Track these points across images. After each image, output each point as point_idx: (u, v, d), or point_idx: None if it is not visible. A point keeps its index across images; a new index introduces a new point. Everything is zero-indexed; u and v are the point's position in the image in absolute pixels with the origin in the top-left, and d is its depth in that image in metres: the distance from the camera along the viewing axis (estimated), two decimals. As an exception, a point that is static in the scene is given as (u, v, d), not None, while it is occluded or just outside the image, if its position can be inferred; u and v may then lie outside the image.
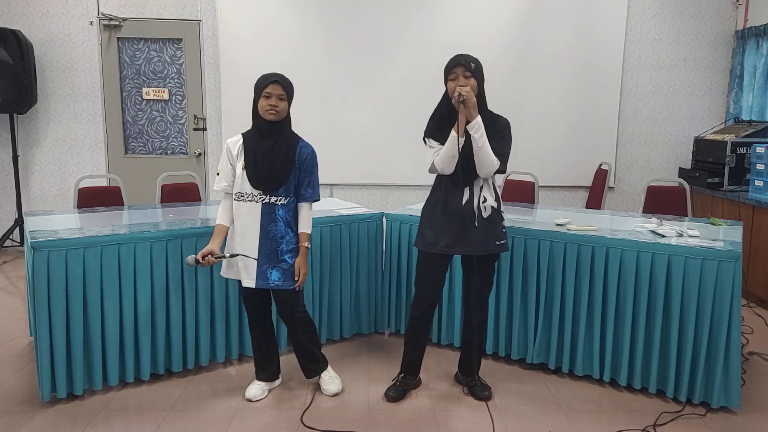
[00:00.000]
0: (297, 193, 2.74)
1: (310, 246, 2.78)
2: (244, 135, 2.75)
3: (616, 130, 5.56)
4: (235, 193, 2.73)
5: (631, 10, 5.43)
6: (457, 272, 3.32)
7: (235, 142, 2.74)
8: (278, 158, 2.67)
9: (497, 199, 2.77)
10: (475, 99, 2.54)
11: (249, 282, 2.72)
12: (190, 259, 2.68)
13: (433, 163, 2.67)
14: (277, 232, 2.70)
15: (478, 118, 2.55)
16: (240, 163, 2.70)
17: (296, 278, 2.73)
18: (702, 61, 5.55)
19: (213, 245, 2.70)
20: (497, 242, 2.74)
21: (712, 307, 2.73)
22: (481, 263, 2.77)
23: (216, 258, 2.68)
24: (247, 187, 2.69)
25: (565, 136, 5.52)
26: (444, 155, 2.61)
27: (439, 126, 2.69)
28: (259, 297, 2.82)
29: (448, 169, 2.63)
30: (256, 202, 2.69)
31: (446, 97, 2.69)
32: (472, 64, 2.59)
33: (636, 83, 5.55)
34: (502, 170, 2.67)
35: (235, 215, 2.74)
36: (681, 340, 2.83)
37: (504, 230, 2.79)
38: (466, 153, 2.60)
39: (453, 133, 2.58)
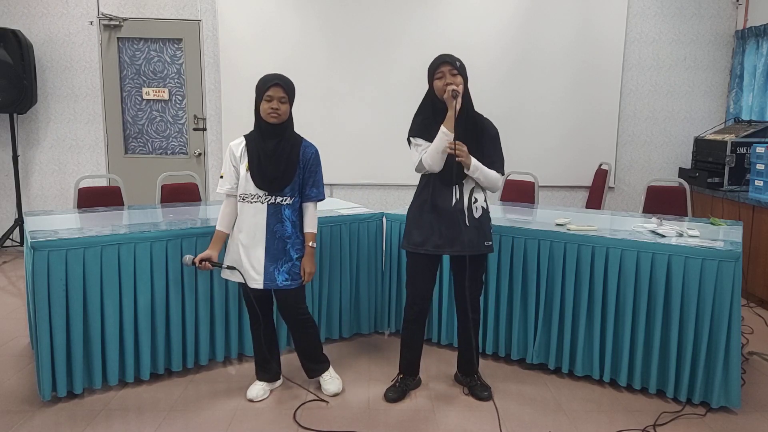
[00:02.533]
0: (302, 192, 2.74)
1: (315, 245, 2.78)
2: (246, 137, 2.75)
3: (616, 130, 5.56)
4: (239, 195, 2.72)
5: (631, 10, 5.43)
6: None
7: (237, 145, 2.74)
8: (282, 158, 2.67)
9: (486, 200, 2.79)
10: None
11: (256, 283, 2.71)
12: (188, 259, 2.70)
13: (420, 161, 2.66)
14: (283, 232, 2.70)
15: (475, 161, 2.63)
16: (244, 165, 2.70)
17: (301, 277, 2.73)
18: (702, 61, 5.55)
19: (212, 252, 2.73)
20: (485, 243, 2.75)
21: (712, 307, 2.73)
22: (471, 264, 2.76)
23: (213, 265, 2.72)
24: (252, 189, 2.69)
25: (565, 136, 5.52)
26: (433, 151, 2.61)
27: (424, 125, 2.70)
28: (262, 298, 2.82)
29: (437, 165, 2.63)
30: (262, 202, 2.69)
31: (430, 96, 2.71)
32: (457, 62, 2.62)
33: (636, 83, 5.55)
34: (500, 173, 2.74)
35: (240, 217, 2.73)
36: (681, 340, 2.83)
37: (491, 231, 2.81)
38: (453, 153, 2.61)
39: (443, 128, 2.58)
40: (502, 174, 2.74)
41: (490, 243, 2.78)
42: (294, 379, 3.02)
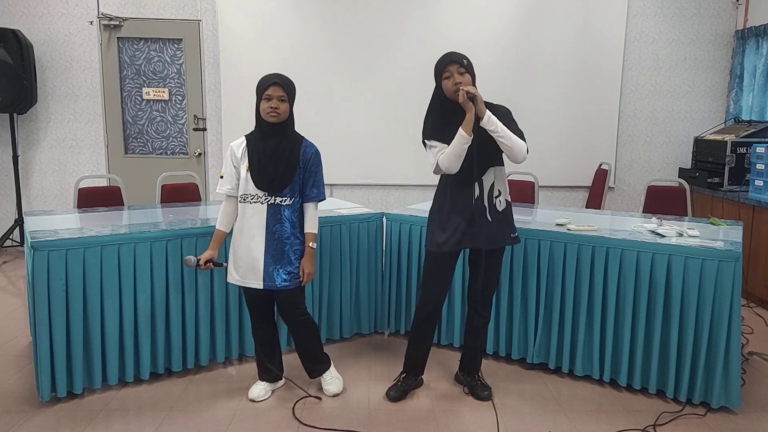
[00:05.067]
0: (302, 193, 2.73)
1: (315, 246, 2.77)
2: (247, 137, 2.75)
3: (616, 130, 5.56)
4: (240, 195, 2.73)
5: (631, 10, 5.43)
6: (457, 272, 3.31)
7: (238, 145, 2.74)
8: (282, 159, 2.66)
9: (508, 193, 2.78)
10: (481, 94, 2.54)
11: (256, 283, 2.71)
12: (192, 260, 2.71)
13: (437, 164, 2.63)
14: (283, 232, 2.70)
15: (488, 112, 2.55)
16: (244, 165, 2.70)
17: (300, 277, 2.73)
18: (702, 61, 5.55)
19: (213, 252, 2.75)
20: (511, 234, 2.77)
21: (712, 307, 2.73)
22: (489, 259, 2.75)
23: (214, 265, 2.75)
24: (252, 189, 2.69)
25: (565, 136, 5.52)
26: (451, 154, 2.57)
27: (436, 126, 2.67)
28: (263, 298, 2.82)
29: (455, 167, 2.60)
30: (262, 203, 2.69)
31: (438, 96, 2.68)
32: (464, 60, 2.59)
33: (636, 83, 5.55)
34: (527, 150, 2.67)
35: (240, 217, 2.74)
36: (681, 340, 2.83)
37: (514, 223, 2.82)
38: (481, 146, 2.58)
39: (461, 131, 2.54)
40: (524, 142, 2.66)
41: (516, 234, 2.80)
42: (295, 380, 3.02)
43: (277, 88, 2.61)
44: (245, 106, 5.48)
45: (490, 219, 2.69)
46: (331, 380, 2.96)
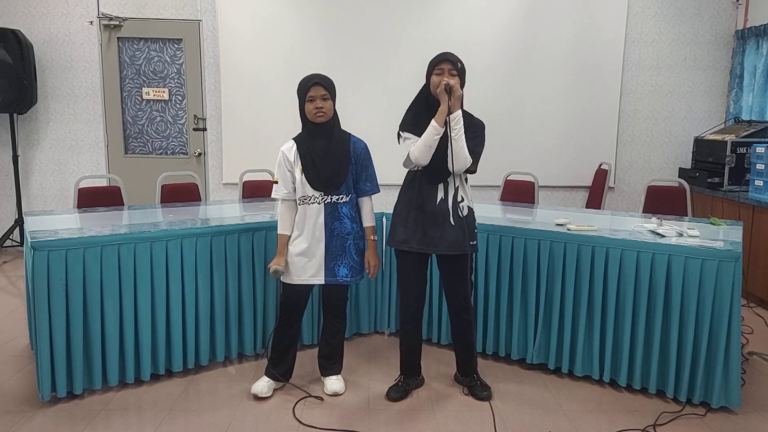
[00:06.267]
0: (356, 188, 2.78)
1: (377, 238, 2.84)
2: (295, 139, 2.76)
3: (616, 130, 5.56)
4: (299, 198, 2.75)
5: (631, 10, 5.43)
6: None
7: (289, 149, 2.75)
8: (335, 157, 2.70)
9: (471, 201, 2.79)
10: (461, 92, 2.57)
11: (317, 279, 2.75)
12: (280, 270, 2.74)
13: (408, 156, 2.65)
14: (342, 229, 2.75)
15: (459, 113, 2.58)
16: (298, 168, 2.72)
17: (367, 270, 2.81)
18: (702, 61, 5.55)
19: (282, 257, 2.77)
20: (471, 242, 2.74)
21: (712, 307, 2.73)
22: (455, 264, 2.75)
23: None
24: (309, 191, 2.72)
25: (565, 136, 5.52)
26: (421, 144, 2.58)
27: (415, 119, 2.68)
28: (303, 297, 2.85)
29: (424, 159, 2.60)
30: (319, 203, 2.72)
31: (424, 92, 2.70)
32: (458, 63, 2.62)
33: (636, 83, 5.55)
34: (472, 170, 2.68)
35: (299, 218, 2.76)
36: (681, 340, 2.83)
37: (476, 231, 2.80)
38: (442, 148, 2.60)
39: (433, 122, 2.56)
40: (474, 166, 2.66)
41: (475, 242, 2.78)
42: (294, 380, 3.02)
43: (318, 88, 2.64)
44: (245, 106, 5.54)
45: (453, 223, 2.69)
46: (337, 380, 2.97)
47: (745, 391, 2.95)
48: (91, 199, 3.95)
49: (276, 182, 2.77)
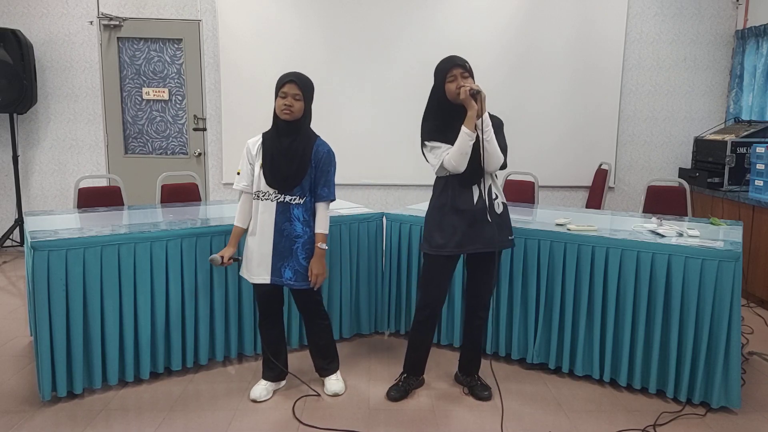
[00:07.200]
0: (314, 192, 2.74)
1: (326, 247, 2.77)
2: (264, 134, 2.76)
3: (616, 130, 5.56)
4: (254, 192, 2.75)
5: (631, 10, 5.43)
6: (457, 273, 3.31)
7: (254, 142, 2.76)
8: (295, 157, 2.68)
9: (503, 196, 2.80)
10: (484, 92, 2.57)
11: (264, 278, 2.73)
12: (217, 258, 2.74)
13: (442, 164, 2.63)
14: (291, 231, 2.71)
15: (486, 114, 2.59)
16: (258, 163, 2.72)
17: (309, 278, 2.73)
18: (702, 61, 5.55)
19: (232, 248, 2.79)
20: (509, 237, 2.78)
21: (712, 307, 2.73)
22: (488, 261, 2.76)
23: (234, 260, 2.81)
24: (263, 186, 2.71)
25: (565, 136, 5.52)
26: (457, 153, 2.58)
27: (439, 127, 2.67)
28: (273, 295, 2.83)
29: (462, 166, 2.60)
30: (272, 200, 2.71)
31: (436, 99, 2.69)
32: (466, 64, 2.63)
33: (636, 83, 5.55)
34: (504, 165, 2.70)
35: (253, 213, 2.76)
36: (681, 340, 2.83)
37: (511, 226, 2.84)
38: (474, 150, 2.60)
39: (465, 129, 2.56)
40: (505, 161, 2.69)
41: (512, 237, 2.82)
42: (295, 379, 3.02)
43: (292, 86, 2.64)
44: (245, 106, 5.54)
45: (489, 220, 2.69)
46: (336, 380, 2.97)
47: (745, 391, 2.95)
48: (91, 199, 3.95)
49: (239, 173, 2.79)
